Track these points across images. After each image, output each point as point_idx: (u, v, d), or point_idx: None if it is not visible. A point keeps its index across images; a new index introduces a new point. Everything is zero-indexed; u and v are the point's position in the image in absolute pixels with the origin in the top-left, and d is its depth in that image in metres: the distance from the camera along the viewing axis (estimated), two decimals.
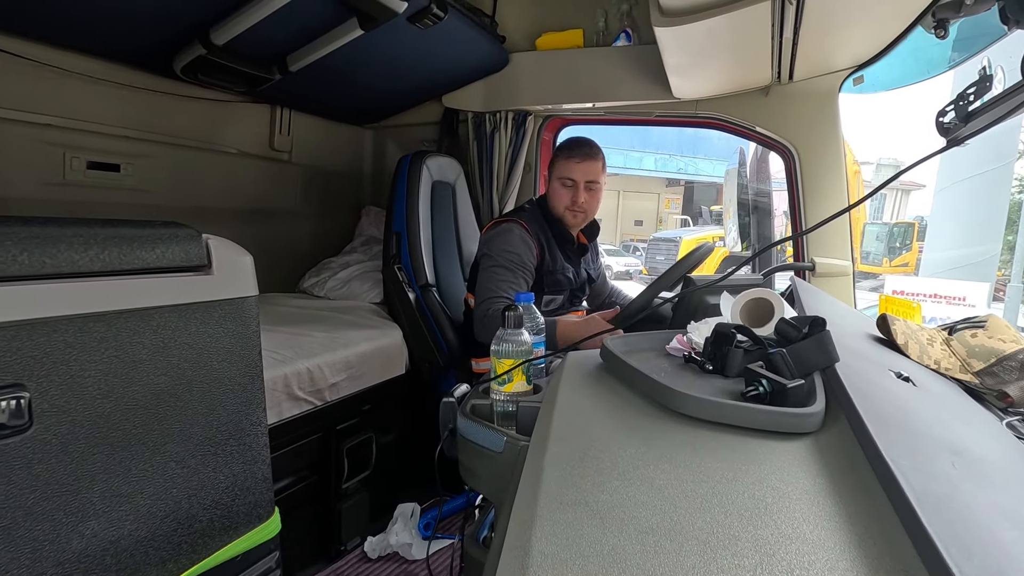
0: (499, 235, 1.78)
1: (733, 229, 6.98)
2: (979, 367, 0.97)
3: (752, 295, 1.02)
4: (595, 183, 1.83)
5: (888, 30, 1.59)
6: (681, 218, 16.29)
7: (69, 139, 1.74)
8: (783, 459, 0.60)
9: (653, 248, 12.21)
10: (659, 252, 11.65)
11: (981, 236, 6.12)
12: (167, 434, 0.87)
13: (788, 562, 0.44)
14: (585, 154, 1.80)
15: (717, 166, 14.66)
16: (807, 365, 0.76)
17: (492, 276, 1.72)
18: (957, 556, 0.39)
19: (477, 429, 0.94)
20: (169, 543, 0.88)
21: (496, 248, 1.75)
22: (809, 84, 1.97)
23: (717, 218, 13.61)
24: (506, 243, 1.75)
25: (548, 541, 0.48)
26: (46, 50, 1.63)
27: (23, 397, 0.71)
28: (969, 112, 0.83)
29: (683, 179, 17.27)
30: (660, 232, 14.07)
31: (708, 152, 15.10)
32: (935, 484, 0.51)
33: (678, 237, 11.46)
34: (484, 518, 1.13)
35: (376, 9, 1.62)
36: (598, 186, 1.85)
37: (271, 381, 1.48)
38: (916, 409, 0.72)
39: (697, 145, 15.08)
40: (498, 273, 1.71)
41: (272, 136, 2.39)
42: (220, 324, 0.93)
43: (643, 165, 15.36)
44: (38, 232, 0.74)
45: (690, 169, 15.87)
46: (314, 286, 2.44)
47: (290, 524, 1.16)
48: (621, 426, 0.70)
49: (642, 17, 2.17)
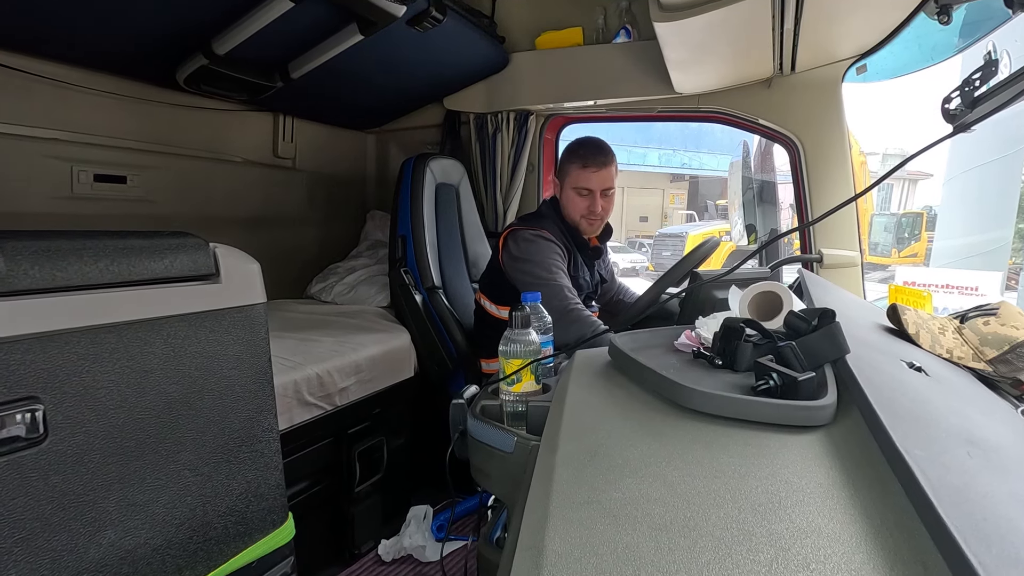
0: (537, 243, 1.77)
1: (739, 222, 6.94)
2: (992, 355, 0.96)
3: (760, 289, 1.01)
4: (611, 189, 1.83)
5: (890, 17, 1.57)
6: (686, 213, 16.24)
7: (76, 153, 1.76)
8: (796, 453, 0.60)
9: (659, 244, 12.18)
10: (665, 248, 11.62)
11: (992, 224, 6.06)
12: (180, 442, 0.88)
13: (804, 556, 0.44)
14: (600, 163, 1.79)
15: (721, 160, 14.62)
16: (817, 357, 0.75)
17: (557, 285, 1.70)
18: (975, 546, 0.39)
19: (487, 430, 0.94)
20: (185, 551, 0.89)
21: (540, 256, 1.75)
22: (812, 75, 1.96)
23: (723, 212, 13.57)
24: (546, 250, 1.76)
25: (561, 540, 0.48)
26: (50, 66, 1.64)
27: (38, 409, 0.71)
28: (975, 98, 0.82)
29: (687, 174, 17.20)
30: (666, 228, 14.03)
31: (712, 146, 15.03)
32: (951, 474, 0.50)
33: (684, 232, 11.44)
34: (497, 519, 1.13)
35: (375, 14, 1.62)
36: (613, 191, 1.85)
37: (281, 387, 1.49)
38: (929, 399, 0.72)
39: (700, 139, 15.02)
40: (558, 283, 1.71)
41: (276, 143, 2.41)
42: (229, 332, 0.94)
43: (647, 161, 15.31)
44: (48, 246, 0.75)
45: (694, 164, 15.80)
46: (321, 291, 2.45)
47: (304, 529, 1.16)
48: (631, 423, 0.70)
49: (641, 13, 2.16)
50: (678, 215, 17.60)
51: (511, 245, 1.81)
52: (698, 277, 1.53)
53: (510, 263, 1.80)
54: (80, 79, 1.72)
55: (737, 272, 1.24)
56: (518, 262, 1.77)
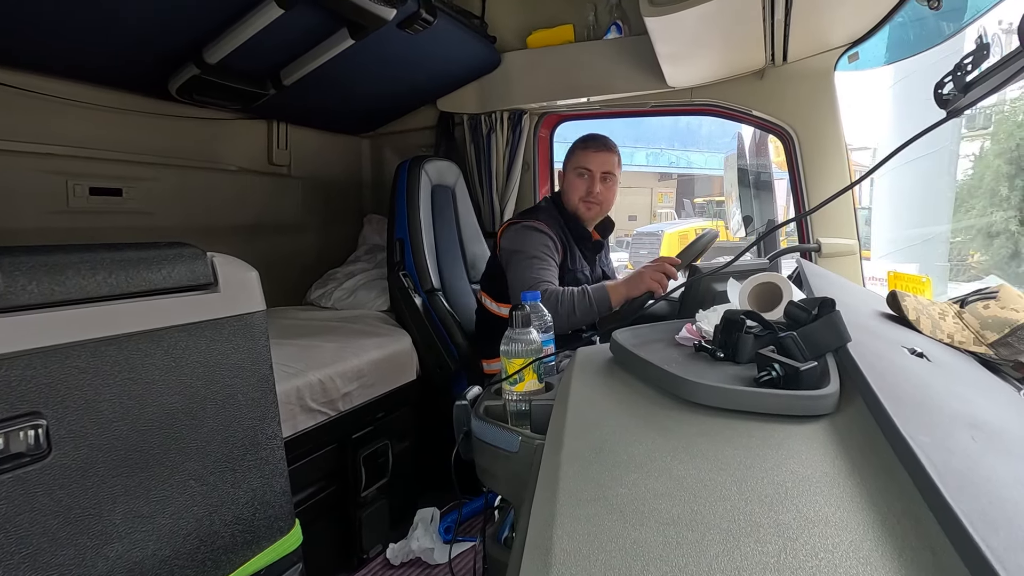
0: (526, 233, 1.79)
1: (736, 214, 6.92)
2: (993, 338, 0.96)
3: (759, 280, 1.01)
4: (611, 175, 1.86)
5: (881, 4, 1.57)
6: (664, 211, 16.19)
7: (70, 167, 1.75)
8: (800, 443, 0.60)
9: (636, 243, 12.04)
10: (642, 247, 11.47)
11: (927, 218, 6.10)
12: (184, 453, 0.87)
13: (812, 545, 0.44)
14: (601, 145, 1.85)
15: (710, 158, 14.79)
16: (819, 347, 0.75)
17: (530, 266, 1.72)
18: (983, 530, 0.39)
19: (491, 430, 0.94)
20: (192, 561, 0.89)
21: (528, 244, 1.76)
22: (804, 64, 1.96)
23: (700, 210, 13.72)
24: (537, 239, 1.77)
25: (569, 538, 0.48)
26: (42, 80, 1.64)
27: (40, 425, 0.71)
28: (968, 82, 0.82)
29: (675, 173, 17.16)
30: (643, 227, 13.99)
31: (699, 144, 15.06)
32: (956, 459, 0.50)
33: (660, 231, 11.30)
34: (504, 518, 1.13)
35: (366, 18, 1.62)
36: (614, 179, 1.88)
37: (284, 394, 1.49)
38: (932, 384, 0.72)
39: (688, 138, 15.03)
40: (534, 264, 1.72)
41: (270, 151, 2.40)
42: (230, 340, 0.94)
43: (634, 160, 15.27)
44: (45, 260, 0.75)
45: (681, 162, 15.79)
46: (321, 297, 2.45)
47: (311, 535, 1.16)
48: (635, 419, 0.70)
49: (632, 8, 2.16)
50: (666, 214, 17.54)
51: (505, 239, 1.84)
52: (697, 270, 1.52)
53: (504, 256, 1.83)
54: (72, 92, 1.72)
55: (736, 264, 1.24)
56: (511, 254, 1.79)
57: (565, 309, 1.62)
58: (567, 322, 1.63)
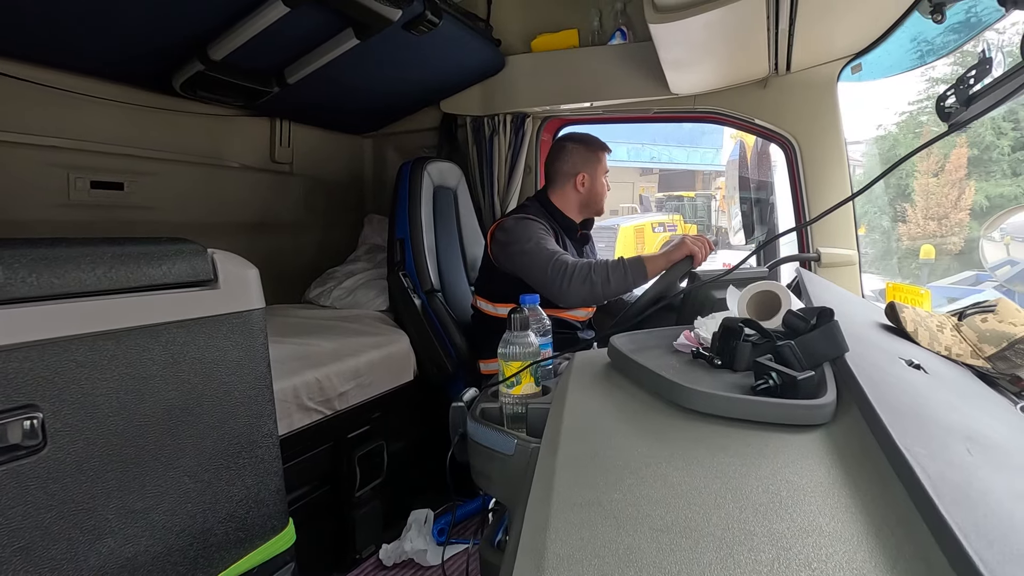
0: (524, 223, 1.80)
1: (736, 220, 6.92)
2: (991, 352, 0.96)
3: (758, 288, 1.02)
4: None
5: (885, 16, 1.58)
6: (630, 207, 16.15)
7: (72, 160, 1.75)
8: (796, 452, 0.60)
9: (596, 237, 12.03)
10: (599, 240, 11.44)
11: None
12: (180, 449, 0.87)
13: (805, 555, 0.44)
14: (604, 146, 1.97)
15: (691, 153, 15.12)
16: (816, 356, 0.75)
17: (540, 248, 1.71)
18: (977, 543, 0.39)
19: (487, 433, 0.94)
20: (185, 558, 0.89)
21: (530, 231, 1.77)
22: (807, 74, 1.96)
23: (659, 204, 13.98)
24: (536, 226, 1.79)
25: (563, 543, 0.48)
26: (46, 72, 1.64)
27: (36, 417, 0.71)
28: (970, 96, 0.82)
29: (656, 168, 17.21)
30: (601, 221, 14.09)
31: (681, 140, 15.23)
32: (951, 471, 0.50)
33: (616, 225, 11.24)
34: (498, 521, 1.13)
35: (371, 18, 1.63)
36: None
37: (280, 392, 1.49)
38: (929, 396, 0.72)
39: (669, 134, 15.17)
40: (543, 246, 1.72)
41: (273, 149, 2.41)
42: (228, 337, 0.94)
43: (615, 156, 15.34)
44: (45, 253, 0.75)
45: (663, 157, 15.88)
46: (320, 296, 2.44)
47: (305, 535, 1.16)
48: (632, 424, 0.70)
49: (637, 14, 2.17)
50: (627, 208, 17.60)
51: (498, 235, 1.84)
52: (696, 277, 1.53)
53: (500, 253, 1.83)
54: (76, 85, 1.71)
55: (735, 272, 1.24)
56: (506, 246, 1.79)
57: (600, 276, 1.62)
58: (601, 291, 1.63)
